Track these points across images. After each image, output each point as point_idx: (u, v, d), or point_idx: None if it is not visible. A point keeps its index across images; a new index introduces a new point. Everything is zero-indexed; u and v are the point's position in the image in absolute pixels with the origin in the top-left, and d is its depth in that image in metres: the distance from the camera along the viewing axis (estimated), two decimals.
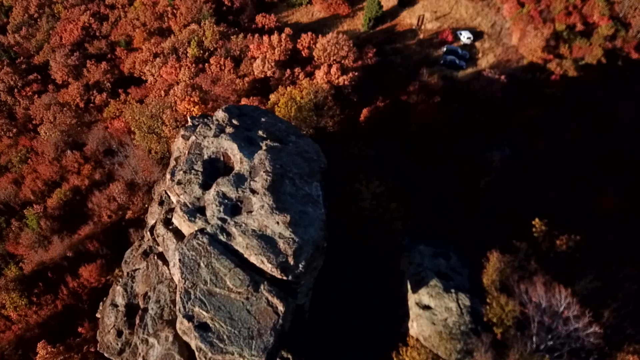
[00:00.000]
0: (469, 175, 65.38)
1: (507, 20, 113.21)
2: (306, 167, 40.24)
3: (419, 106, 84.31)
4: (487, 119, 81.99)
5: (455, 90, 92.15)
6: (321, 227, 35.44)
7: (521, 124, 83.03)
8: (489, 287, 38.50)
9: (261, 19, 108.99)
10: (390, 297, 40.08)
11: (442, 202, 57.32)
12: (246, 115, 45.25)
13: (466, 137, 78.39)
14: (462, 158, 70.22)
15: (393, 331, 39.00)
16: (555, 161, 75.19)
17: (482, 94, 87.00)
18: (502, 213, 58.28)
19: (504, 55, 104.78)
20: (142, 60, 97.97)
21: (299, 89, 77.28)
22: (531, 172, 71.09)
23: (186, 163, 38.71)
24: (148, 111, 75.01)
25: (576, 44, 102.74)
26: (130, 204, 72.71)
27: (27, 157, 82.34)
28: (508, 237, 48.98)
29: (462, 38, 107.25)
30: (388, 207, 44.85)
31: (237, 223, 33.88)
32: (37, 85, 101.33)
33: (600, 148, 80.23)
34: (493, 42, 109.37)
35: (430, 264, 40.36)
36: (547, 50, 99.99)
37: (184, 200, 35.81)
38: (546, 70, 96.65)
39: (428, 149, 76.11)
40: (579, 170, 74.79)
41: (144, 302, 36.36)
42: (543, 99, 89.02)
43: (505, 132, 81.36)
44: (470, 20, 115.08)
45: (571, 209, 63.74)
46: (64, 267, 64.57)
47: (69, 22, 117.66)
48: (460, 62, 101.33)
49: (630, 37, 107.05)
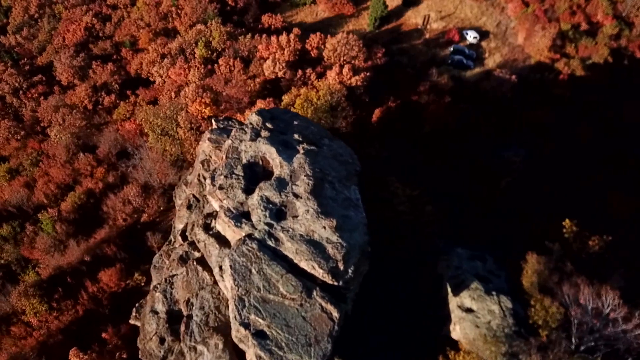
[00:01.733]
0: (487, 176, 65.50)
1: (512, 20, 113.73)
2: (343, 171, 40.17)
3: (430, 106, 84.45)
4: (499, 119, 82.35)
5: (465, 90, 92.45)
6: (365, 231, 35.38)
7: (532, 124, 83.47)
8: (529, 289, 38.65)
9: (267, 19, 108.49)
10: (429, 300, 40.09)
11: (463, 204, 57.41)
12: (278, 119, 45.03)
13: (479, 137, 78.69)
14: (478, 159, 70.34)
15: (433, 334, 39.03)
16: (567, 162, 75.62)
17: (493, 94, 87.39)
18: (522, 213, 58.51)
19: (510, 55, 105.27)
20: (150, 61, 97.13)
21: (315, 90, 77.07)
22: (545, 172, 71.45)
23: (226, 168, 38.36)
24: (162, 113, 74.34)
25: (582, 43, 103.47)
26: (145, 206, 72.17)
27: (39, 160, 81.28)
28: (534, 238, 49.40)
29: (469, 38, 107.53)
30: (423, 210, 44.90)
31: (284, 228, 33.69)
32: (43, 87, 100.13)
33: (608, 148, 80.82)
34: (499, 41, 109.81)
35: (468, 266, 40.47)
36: (553, 49, 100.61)
37: (228, 206, 35.51)
38: (554, 70, 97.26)
39: (442, 149, 76.29)
40: (590, 170, 75.19)
41: (187, 309, 36.08)
42: (552, 98, 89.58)
43: (517, 132, 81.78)
44: (475, 19, 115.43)
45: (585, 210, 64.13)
46: (83, 271, 63.97)
47: (71, 23, 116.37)
48: (468, 61, 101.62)
49: (634, 37, 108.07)
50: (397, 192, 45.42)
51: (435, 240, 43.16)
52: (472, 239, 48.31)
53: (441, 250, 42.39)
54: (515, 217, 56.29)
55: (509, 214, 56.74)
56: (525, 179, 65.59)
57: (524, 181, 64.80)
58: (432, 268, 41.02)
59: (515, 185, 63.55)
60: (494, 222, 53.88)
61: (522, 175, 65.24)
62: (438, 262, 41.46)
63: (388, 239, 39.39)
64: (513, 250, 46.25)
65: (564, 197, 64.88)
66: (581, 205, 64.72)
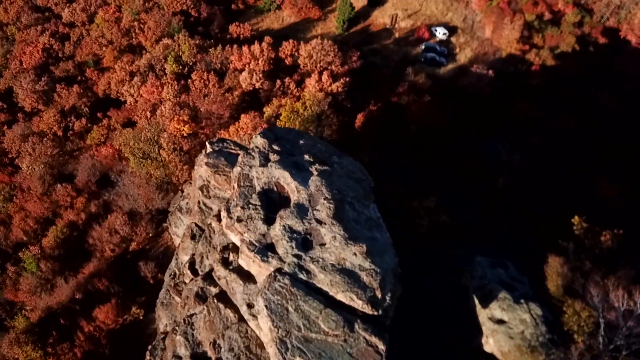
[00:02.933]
0: (482, 175, 65.50)
1: (478, 14, 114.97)
2: (359, 189, 38.95)
3: (412, 106, 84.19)
4: (481, 115, 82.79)
5: (444, 88, 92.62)
6: (394, 252, 34.29)
7: (513, 117, 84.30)
8: (556, 293, 38.43)
9: (235, 29, 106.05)
10: (456, 313, 39.37)
11: (466, 206, 57.07)
12: (282, 139, 43.37)
13: (464, 134, 78.90)
14: (470, 157, 70.34)
15: (465, 349, 38.33)
16: (553, 152, 76.56)
17: (472, 89, 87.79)
18: (524, 212, 58.64)
19: (480, 49, 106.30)
20: (118, 80, 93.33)
21: (298, 100, 75.58)
22: (537, 166, 72.05)
23: (240, 198, 36.50)
24: (143, 136, 71.32)
25: (548, 32, 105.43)
26: (133, 234, 69.20)
27: (12, 194, 76.54)
28: (544, 237, 49.46)
29: (438, 34, 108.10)
30: (440, 221, 44.18)
31: (313, 258, 32.20)
32: (5, 115, 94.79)
33: (590, 135, 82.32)
34: (467, 36, 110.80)
35: (492, 275, 39.96)
36: (522, 41, 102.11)
37: (249, 239, 33.73)
38: (526, 61, 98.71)
39: (430, 149, 76.10)
40: (577, 159, 76.23)
41: (215, 352, 34.14)
42: (528, 90, 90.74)
43: (500, 126, 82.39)
44: (441, 15, 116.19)
45: (581, 200, 64.92)
46: (76, 310, 60.62)
47: (27, 45, 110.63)
48: (441, 58, 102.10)
49: (595, 23, 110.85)
50: (412, 205, 44.54)
51: (455, 251, 42.49)
52: (485, 243, 47.95)
53: (462, 260, 41.74)
54: (520, 216, 56.29)
55: (512, 213, 56.73)
56: (519, 176, 65.84)
57: (518, 178, 65.00)
58: (456, 280, 40.31)
59: (511, 183, 63.62)
60: (501, 224, 53.74)
61: (517, 173, 65.43)
62: (461, 273, 40.81)
63: (409, 254, 38.36)
64: (528, 252, 46.15)
65: (559, 189, 65.49)
66: (576, 196, 65.65)
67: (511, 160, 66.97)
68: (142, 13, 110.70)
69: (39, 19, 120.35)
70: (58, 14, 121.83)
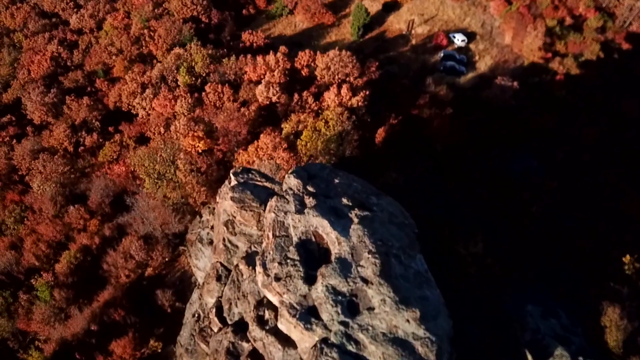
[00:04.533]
0: (510, 196, 62.67)
1: (496, 19, 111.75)
2: (403, 237, 36.20)
3: (435, 121, 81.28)
4: (507, 130, 79.83)
5: (464, 99, 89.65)
6: (447, 313, 31.65)
7: (538, 130, 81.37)
8: (615, 348, 35.75)
9: (248, 37, 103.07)
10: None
11: (497, 235, 54.18)
12: (316, 177, 40.63)
13: (491, 152, 76.00)
14: (497, 177, 67.47)
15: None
16: (582, 168, 73.72)
17: (495, 102, 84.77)
18: (564, 243, 55.68)
19: (500, 57, 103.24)
20: (129, 92, 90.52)
21: (317, 116, 72.71)
22: (564, 184, 69.17)
23: (277, 251, 33.84)
24: (158, 156, 68.61)
25: (570, 39, 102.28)
26: (149, 259, 66.74)
27: (23, 216, 74.07)
28: (592, 275, 46.68)
29: (456, 41, 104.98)
30: (485, 264, 41.43)
31: (361, 326, 29.53)
32: (14, 129, 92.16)
33: (616, 148, 79.43)
34: (487, 42, 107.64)
35: (545, 327, 37.27)
36: (544, 48, 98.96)
37: (289, 301, 31.05)
38: (549, 71, 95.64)
39: (456, 168, 73.32)
40: (606, 175, 73.31)
41: None
42: (553, 101, 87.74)
43: (525, 141, 79.49)
44: (459, 21, 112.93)
45: (616, 221, 62.05)
46: (91, 344, 58.24)
47: (34, 53, 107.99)
48: (460, 67, 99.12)
49: (618, 28, 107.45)
50: (459, 250, 41.75)
51: (502, 298, 39.73)
52: (528, 280, 45.22)
53: (511, 309, 39.00)
54: (559, 246, 53.38)
55: (550, 246, 53.75)
56: (550, 197, 62.98)
57: (550, 200, 62.13)
58: (505, 332, 37.56)
59: (544, 206, 60.77)
60: (541, 256, 50.86)
61: (548, 194, 62.58)
62: (510, 324, 38.09)
63: (456, 306, 35.59)
64: (577, 292, 43.39)
65: (594, 210, 62.56)
66: (611, 215, 62.62)
67: (540, 180, 63.99)
68: (152, 20, 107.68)
69: (46, 25, 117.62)
70: (66, 20, 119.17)
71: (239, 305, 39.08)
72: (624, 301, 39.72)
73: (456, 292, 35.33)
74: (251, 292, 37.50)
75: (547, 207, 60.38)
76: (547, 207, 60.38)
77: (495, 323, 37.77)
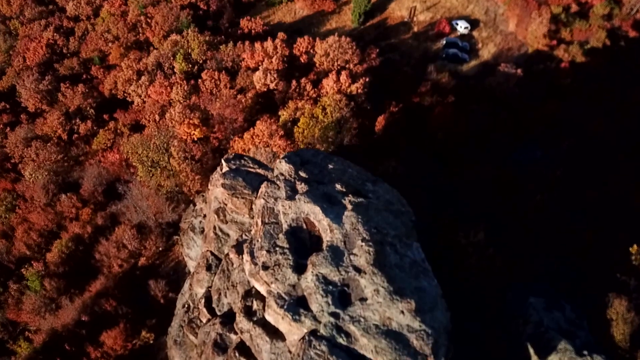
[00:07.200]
0: (514, 187, 60.76)
1: (500, 6, 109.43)
2: (399, 225, 34.42)
3: (436, 109, 79.35)
4: (512, 119, 77.76)
5: (467, 87, 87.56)
6: (445, 306, 29.92)
7: (543, 119, 79.27)
8: (623, 342, 34.00)
9: (247, 23, 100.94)
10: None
11: (500, 226, 52.30)
12: (309, 163, 38.84)
13: (494, 141, 73.98)
14: (500, 167, 65.49)
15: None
16: (588, 159, 71.58)
17: (499, 90, 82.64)
18: (562, 230, 53.81)
19: (504, 44, 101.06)
20: (125, 79, 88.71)
21: (315, 103, 70.80)
22: (569, 175, 67.13)
23: (265, 239, 32.14)
24: (151, 143, 66.88)
25: (576, 26, 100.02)
26: (142, 249, 65.22)
27: (14, 204, 72.51)
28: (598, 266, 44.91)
29: (459, 28, 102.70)
30: (486, 256, 39.63)
31: (353, 318, 27.84)
32: (8, 116, 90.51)
33: (622, 138, 77.27)
34: (490, 30, 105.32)
35: (548, 320, 35.52)
36: (549, 35, 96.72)
37: (277, 291, 29.37)
38: (554, 58, 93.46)
39: (458, 158, 71.40)
40: (611, 165, 71.26)
41: None
42: (558, 90, 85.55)
43: (529, 131, 77.45)
44: (462, 8, 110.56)
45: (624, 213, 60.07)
46: (82, 335, 56.80)
47: (30, 40, 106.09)
48: (463, 54, 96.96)
49: (624, 15, 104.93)
50: (459, 240, 39.90)
51: (504, 290, 37.98)
52: (532, 273, 43.42)
53: (513, 301, 37.26)
54: (564, 237, 51.42)
55: (554, 234, 51.84)
56: (555, 188, 61.01)
57: (555, 191, 60.18)
58: (507, 325, 35.84)
59: (548, 197, 58.83)
60: (546, 248, 48.96)
61: (553, 185, 60.61)
62: (513, 317, 36.36)
63: (455, 297, 33.92)
64: (582, 284, 41.59)
65: (600, 201, 60.55)
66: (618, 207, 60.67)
67: (545, 171, 61.99)
68: (149, 6, 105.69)
69: (42, 12, 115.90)
70: (62, 7, 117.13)
71: (229, 296, 37.50)
72: (631, 293, 38.00)
73: (455, 283, 33.56)
74: (240, 282, 35.87)
75: (551, 198, 58.28)
76: (551, 198, 58.28)
77: (496, 316, 36.07)
